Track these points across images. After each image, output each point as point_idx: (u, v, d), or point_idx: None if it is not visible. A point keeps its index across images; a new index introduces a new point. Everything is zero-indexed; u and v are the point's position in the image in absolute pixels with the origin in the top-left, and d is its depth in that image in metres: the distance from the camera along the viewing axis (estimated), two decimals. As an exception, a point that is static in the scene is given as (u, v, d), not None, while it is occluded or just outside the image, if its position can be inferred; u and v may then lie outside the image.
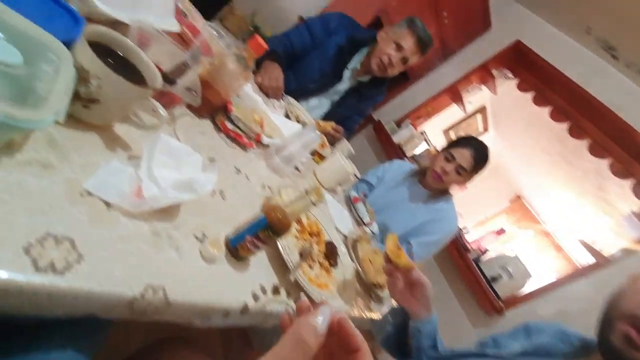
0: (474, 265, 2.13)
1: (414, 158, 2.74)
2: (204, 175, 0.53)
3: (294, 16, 2.73)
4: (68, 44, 0.41)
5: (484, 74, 2.83)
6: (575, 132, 2.52)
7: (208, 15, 0.93)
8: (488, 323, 2.09)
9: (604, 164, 2.42)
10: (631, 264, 1.82)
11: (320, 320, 0.28)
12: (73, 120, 0.46)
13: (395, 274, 0.79)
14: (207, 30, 0.85)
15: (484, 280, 2.09)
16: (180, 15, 0.79)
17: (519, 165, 4.08)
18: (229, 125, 0.80)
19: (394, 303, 1.12)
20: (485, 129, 4.17)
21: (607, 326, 0.60)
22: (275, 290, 0.61)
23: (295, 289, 0.66)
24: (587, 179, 2.96)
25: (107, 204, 0.43)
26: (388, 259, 0.78)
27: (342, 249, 0.92)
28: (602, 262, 1.95)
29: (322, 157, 1.37)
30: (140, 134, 0.54)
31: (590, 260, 2.20)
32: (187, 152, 0.56)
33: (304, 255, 0.75)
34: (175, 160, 0.53)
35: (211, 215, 0.58)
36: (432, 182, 1.49)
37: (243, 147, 0.84)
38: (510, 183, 4.86)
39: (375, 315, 0.93)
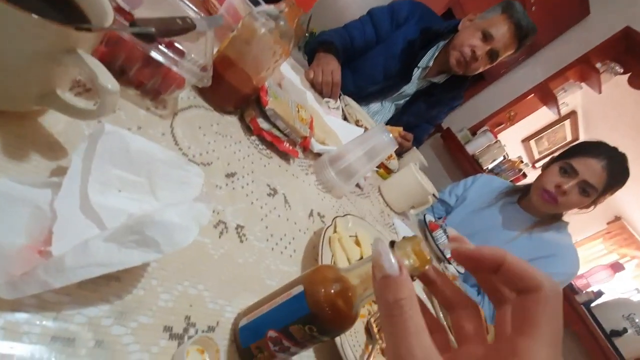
0: (586, 312, 1.61)
1: (493, 172, 2.29)
2: (195, 207, 0.27)
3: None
4: None
5: (584, 68, 2.30)
6: None
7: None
8: (607, 392, 1.55)
9: None
10: None
11: (386, 265, 0.20)
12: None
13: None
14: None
15: (601, 334, 1.56)
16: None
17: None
18: (263, 125, 0.55)
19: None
20: (576, 138, 3.50)
21: None
22: (326, 423, 0.33)
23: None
24: None
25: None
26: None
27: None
28: None
29: (389, 171, 1.07)
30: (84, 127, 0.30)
31: None
32: (172, 161, 0.31)
33: (373, 331, 0.45)
34: (138, 176, 0.28)
35: (212, 276, 0.32)
36: (541, 204, 1.09)
37: (283, 155, 0.59)
38: (608, 201, 4.01)
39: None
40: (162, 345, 0.25)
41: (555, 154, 1.15)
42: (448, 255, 0.99)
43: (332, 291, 0.26)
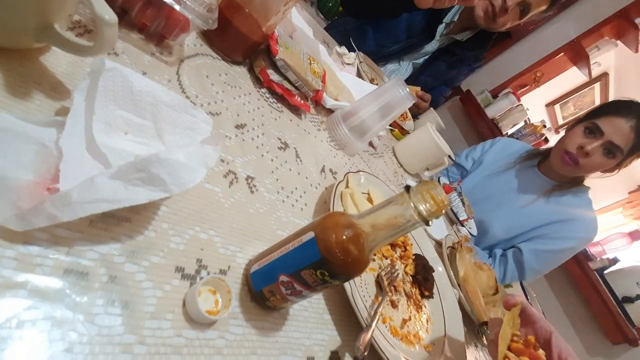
0: (599, 279, 1.60)
1: (513, 137, 2.20)
2: (202, 149, 0.26)
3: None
4: None
5: (621, 23, 2.10)
6: None
7: None
8: (611, 354, 1.58)
9: None
10: None
11: None
12: None
13: None
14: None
15: (613, 300, 1.56)
16: None
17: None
18: (273, 76, 0.52)
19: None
20: (634, 100, 3.28)
21: None
22: (335, 364, 0.34)
23: (370, 353, 0.37)
24: None
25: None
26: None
27: (439, 269, 0.61)
28: None
29: (404, 132, 1.03)
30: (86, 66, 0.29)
31: None
32: (178, 105, 0.29)
33: (383, 283, 0.45)
34: (143, 119, 0.27)
35: (223, 223, 0.32)
36: (561, 166, 1.04)
37: (294, 109, 0.57)
38: (632, 169, 3.85)
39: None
40: (175, 285, 0.26)
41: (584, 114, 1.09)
42: (461, 218, 0.98)
43: (344, 237, 0.25)
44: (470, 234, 0.99)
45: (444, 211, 0.23)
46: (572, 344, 1.59)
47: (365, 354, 0.33)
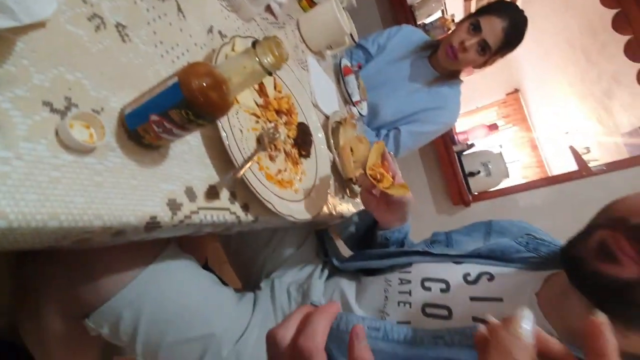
0: (457, 158, 2.04)
1: (424, 28, 2.28)
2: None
3: None
4: None
5: None
6: (620, 23, 2.10)
7: None
8: (452, 212, 2.16)
9: (629, 67, 2.12)
10: (611, 180, 1.78)
11: (525, 329, 0.23)
12: None
13: (375, 191, 0.64)
14: None
15: (461, 174, 2.04)
16: None
17: (532, 54, 3.64)
18: None
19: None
20: (514, 1, 3.52)
21: (584, 233, 0.43)
22: (211, 194, 0.43)
23: (244, 190, 0.48)
24: (599, 81, 2.69)
25: None
26: (365, 175, 0.62)
27: (319, 135, 0.72)
28: (583, 172, 1.90)
29: (312, 4, 1.00)
30: None
31: (568, 169, 2.16)
32: None
33: (264, 142, 0.54)
34: None
35: (91, 68, 0.33)
36: (444, 59, 1.19)
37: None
38: (513, 73, 4.47)
39: (346, 209, 0.81)
40: (44, 116, 0.28)
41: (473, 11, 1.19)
42: (354, 99, 1.09)
43: (203, 82, 0.30)
44: (360, 113, 1.13)
45: (283, 64, 0.29)
46: (427, 204, 2.09)
47: (236, 181, 0.42)
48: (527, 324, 0.23)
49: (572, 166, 2.23)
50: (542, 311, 0.46)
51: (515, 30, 1.10)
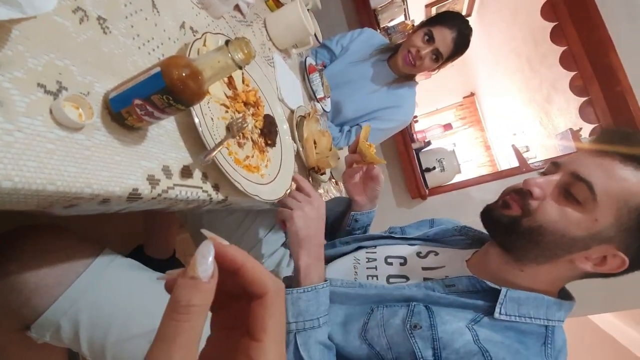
0: (415, 155, 2.19)
1: (386, 31, 2.41)
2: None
3: None
4: None
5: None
6: (557, 35, 2.36)
7: None
8: (410, 205, 2.31)
9: (564, 76, 2.39)
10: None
11: (201, 268, 0.20)
12: None
13: (357, 165, 0.84)
14: None
15: (419, 170, 2.19)
16: None
17: (485, 61, 3.95)
18: None
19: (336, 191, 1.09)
20: (469, 13, 3.80)
21: (497, 200, 0.63)
22: (186, 173, 0.48)
23: (215, 172, 0.53)
24: (540, 89, 2.99)
25: None
26: (355, 149, 0.81)
27: (284, 127, 0.78)
28: (523, 168, 2.13)
29: (279, 4, 1.06)
30: None
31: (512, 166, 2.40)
32: None
33: (233, 130, 0.60)
34: None
35: (78, 56, 0.37)
36: (403, 65, 1.30)
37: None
38: (470, 77, 4.81)
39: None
40: (39, 96, 0.33)
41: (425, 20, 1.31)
42: (318, 96, 1.17)
43: (183, 73, 0.35)
44: (324, 109, 1.20)
45: (251, 60, 0.36)
46: (388, 197, 2.23)
47: (208, 162, 0.48)
48: (204, 263, 0.20)
49: (515, 163, 2.47)
50: (471, 271, 0.63)
51: (463, 40, 1.24)
